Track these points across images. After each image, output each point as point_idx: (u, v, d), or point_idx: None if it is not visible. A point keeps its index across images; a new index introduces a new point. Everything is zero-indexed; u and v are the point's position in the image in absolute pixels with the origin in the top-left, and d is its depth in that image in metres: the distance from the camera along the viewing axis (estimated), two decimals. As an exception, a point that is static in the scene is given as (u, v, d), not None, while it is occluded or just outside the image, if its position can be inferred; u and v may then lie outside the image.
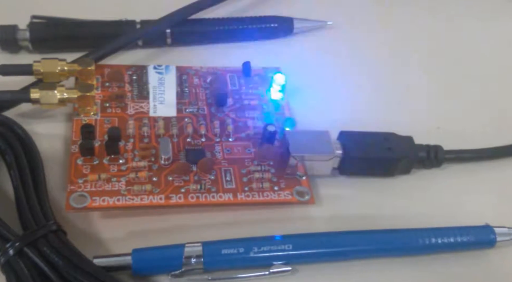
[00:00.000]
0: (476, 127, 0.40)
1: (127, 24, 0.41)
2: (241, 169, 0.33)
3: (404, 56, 0.45)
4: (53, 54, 0.37)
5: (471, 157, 0.37)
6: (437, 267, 0.31)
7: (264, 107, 0.37)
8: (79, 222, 0.31)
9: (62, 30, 0.41)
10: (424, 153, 0.35)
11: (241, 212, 0.33)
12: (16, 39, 0.40)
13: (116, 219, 0.32)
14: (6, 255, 0.27)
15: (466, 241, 0.31)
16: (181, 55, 0.42)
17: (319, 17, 0.46)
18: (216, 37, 0.43)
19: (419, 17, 0.49)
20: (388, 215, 0.34)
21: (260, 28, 0.44)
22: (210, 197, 0.32)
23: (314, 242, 0.31)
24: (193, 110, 0.37)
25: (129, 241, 0.30)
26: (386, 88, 0.42)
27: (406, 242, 0.31)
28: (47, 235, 0.28)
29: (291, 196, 0.33)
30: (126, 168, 0.32)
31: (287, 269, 0.30)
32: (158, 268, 0.29)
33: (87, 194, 0.31)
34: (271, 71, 0.40)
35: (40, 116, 0.36)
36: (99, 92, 0.37)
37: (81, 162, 0.32)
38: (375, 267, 0.31)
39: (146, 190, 0.31)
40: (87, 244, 0.30)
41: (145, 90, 0.37)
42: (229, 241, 0.30)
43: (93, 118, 0.35)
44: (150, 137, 0.34)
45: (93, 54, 0.38)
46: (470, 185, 0.36)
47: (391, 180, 0.35)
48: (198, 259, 0.29)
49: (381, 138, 0.35)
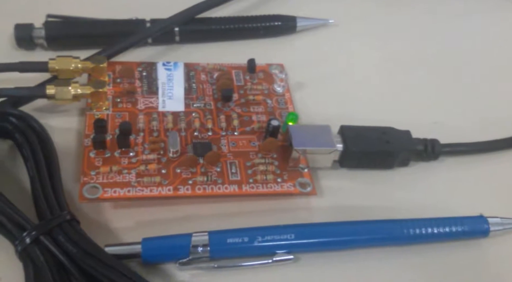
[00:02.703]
0: (472, 122, 0.39)
1: (137, 23, 0.41)
2: (246, 161, 0.33)
3: (403, 54, 0.44)
4: (67, 52, 0.37)
5: (467, 150, 0.37)
6: (433, 256, 0.31)
7: (268, 102, 0.37)
8: (92, 212, 0.31)
9: (76, 28, 0.41)
10: (421, 146, 0.35)
11: (245, 203, 0.33)
12: (32, 37, 0.40)
13: (126, 209, 0.32)
14: (23, 243, 0.27)
15: (461, 230, 0.31)
16: (189, 52, 0.42)
17: (321, 15, 0.46)
18: (223, 35, 0.43)
19: (419, 16, 0.48)
20: (387, 206, 0.34)
21: (265, 26, 0.43)
22: (216, 188, 0.32)
23: (316, 231, 0.31)
24: (200, 105, 0.37)
25: (139, 231, 0.30)
26: (385, 84, 0.42)
27: (403, 232, 0.31)
28: (62, 224, 0.28)
29: (294, 188, 0.33)
30: (136, 161, 0.32)
31: (290, 258, 0.30)
32: (166, 256, 0.29)
33: (99, 185, 0.31)
34: (275, 67, 0.40)
35: (55, 111, 0.36)
36: (111, 88, 0.37)
37: (93, 155, 0.32)
38: (374, 256, 0.31)
39: (155, 181, 0.31)
40: (99, 233, 0.30)
41: (154, 86, 0.37)
42: (234, 231, 0.30)
43: (105, 113, 0.35)
44: (159, 131, 0.34)
45: (105, 52, 0.38)
46: (465, 177, 0.36)
47: (389, 172, 0.35)
48: (205, 248, 0.29)
49: (380, 132, 0.35)
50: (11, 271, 0.28)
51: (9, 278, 0.28)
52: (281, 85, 0.38)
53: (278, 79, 0.39)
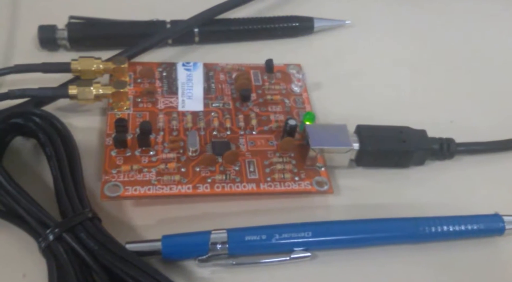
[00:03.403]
0: (487, 121, 0.39)
1: (158, 24, 0.41)
2: (264, 160, 0.33)
3: (419, 54, 0.44)
4: (89, 52, 0.37)
5: (482, 149, 0.37)
6: (449, 253, 0.31)
7: (285, 102, 0.37)
8: (113, 209, 0.31)
9: (98, 30, 0.41)
10: (437, 145, 0.35)
11: (263, 201, 0.33)
12: (55, 39, 0.40)
13: (147, 207, 0.32)
14: (47, 240, 0.27)
15: (476, 229, 0.31)
16: (208, 52, 0.42)
17: (338, 17, 0.45)
18: (241, 36, 0.43)
19: (434, 17, 0.48)
20: (403, 204, 0.33)
21: (282, 27, 0.43)
22: (235, 187, 0.32)
23: (333, 229, 0.31)
24: (219, 105, 0.37)
25: (159, 228, 0.30)
26: (401, 84, 0.41)
27: (419, 230, 0.31)
28: (84, 222, 0.28)
29: (311, 186, 0.33)
30: (157, 159, 0.32)
31: (307, 255, 0.30)
32: (186, 253, 0.29)
33: (120, 183, 0.31)
34: (293, 68, 0.40)
35: (78, 110, 0.36)
36: (132, 88, 0.37)
37: (114, 154, 0.32)
38: (390, 254, 0.31)
39: (175, 180, 0.31)
40: (120, 230, 0.30)
41: (174, 86, 0.37)
42: (252, 228, 0.30)
43: (126, 113, 0.35)
44: (179, 130, 0.34)
45: (126, 53, 0.38)
46: (481, 176, 0.36)
47: (405, 170, 0.35)
48: (223, 245, 0.29)
49: (396, 131, 0.35)
50: (35, 267, 0.28)
51: (33, 274, 0.28)
52: (298, 85, 0.38)
53: (295, 79, 0.39)
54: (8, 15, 0.43)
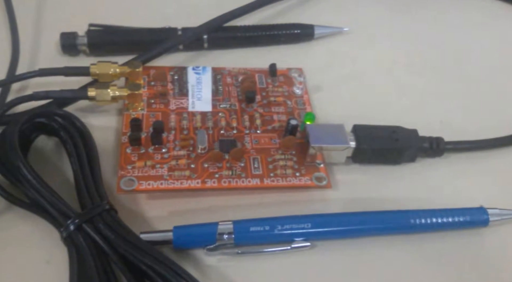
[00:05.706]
0: (474, 121, 0.39)
1: (170, 31, 0.42)
2: (267, 157, 0.34)
3: (411, 59, 0.44)
4: (107, 57, 0.38)
5: (469, 147, 0.36)
6: (437, 244, 0.31)
7: (287, 103, 0.38)
8: (128, 202, 0.32)
9: (115, 36, 0.41)
10: (427, 144, 0.35)
11: (267, 195, 0.33)
12: (76, 45, 0.40)
13: (159, 200, 0.32)
14: (68, 230, 0.27)
15: (463, 220, 0.31)
16: (216, 57, 0.42)
17: (336, 24, 0.45)
18: (247, 42, 0.43)
19: (426, 24, 0.48)
20: (395, 198, 0.33)
21: (285, 34, 0.43)
22: (240, 182, 0.32)
23: (330, 221, 0.31)
24: (226, 106, 0.37)
25: (170, 219, 0.31)
26: (394, 86, 0.41)
27: (410, 221, 0.31)
28: (102, 213, 0.28)
29: (311, 181, 0.33)
30: (168, 156, 0.33)
31: (307, 245, 0.30)
32: (195, 243, 0.30)
33: (135, 178, 0.31)
34: (295, 71, 0.40)
35: (96, 111, 0.37)
36: (146, 91, 0.37)
37: (129, 151, 0.33)
38: (383, 243, 0.31)
39: (185, 175, 0.32)
40: (135, 221, 0.30)
41: (185, 89, 0.38)
42: (256, 220, 0.30)
43: (140, 113, 0.35)
44: (189, 129, 0.35)
45: (141, 58, 0.38)
46: (468, 172, 0.36)
47: (398, 167, 0.35)
48: (230, 236, 0.29)
49: (390, 131, 0.35)
50: (57, 255, 0.29)
51: (55, 261, 0.29)
52: (300, 88, 0.39)
53: (297, 82, 0.39)
54: (33, 23, 0.44)
